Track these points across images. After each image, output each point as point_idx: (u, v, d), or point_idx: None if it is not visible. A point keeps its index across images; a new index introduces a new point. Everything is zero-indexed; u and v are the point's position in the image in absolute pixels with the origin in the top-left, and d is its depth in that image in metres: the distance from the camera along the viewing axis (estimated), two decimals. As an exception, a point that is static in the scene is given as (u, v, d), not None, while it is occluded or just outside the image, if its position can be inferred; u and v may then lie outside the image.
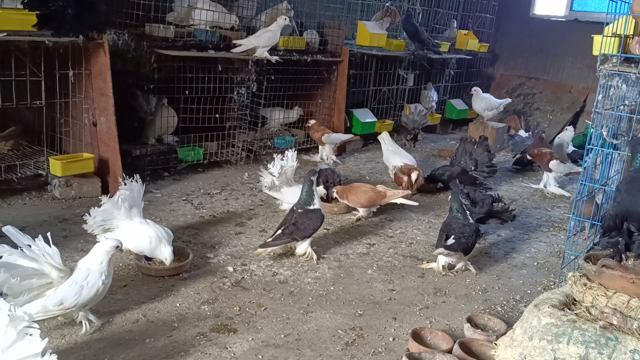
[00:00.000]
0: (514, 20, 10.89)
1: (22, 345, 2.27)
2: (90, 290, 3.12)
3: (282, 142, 7.12)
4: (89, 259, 3.21)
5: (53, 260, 3.04)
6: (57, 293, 3.06)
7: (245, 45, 6.22)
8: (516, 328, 2.89)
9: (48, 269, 3.02)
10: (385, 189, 5.42)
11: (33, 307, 2.96)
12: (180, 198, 5.51)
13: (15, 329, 2.27)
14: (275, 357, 3.16)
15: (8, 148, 5.50)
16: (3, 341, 2.25)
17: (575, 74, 10.13)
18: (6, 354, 2.25)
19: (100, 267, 3.17)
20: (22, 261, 2.95)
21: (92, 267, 3.16)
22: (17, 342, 2.26)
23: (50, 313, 3.08)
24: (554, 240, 5.34)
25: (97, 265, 3.17)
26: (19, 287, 2.88)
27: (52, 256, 3.04)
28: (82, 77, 5.17)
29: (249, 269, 4.17)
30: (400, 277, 4.30)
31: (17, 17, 4.54)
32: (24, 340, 2.27)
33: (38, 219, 4.65)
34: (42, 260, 3.01)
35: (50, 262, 3.03)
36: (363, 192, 5.31)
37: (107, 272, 3.20)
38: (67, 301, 3.07)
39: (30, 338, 2.28)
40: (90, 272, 3.14)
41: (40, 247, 3.01)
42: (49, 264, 3.03)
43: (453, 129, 10.24)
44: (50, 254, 3.03)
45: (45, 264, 3.02)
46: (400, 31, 9.05)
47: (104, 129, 5.23)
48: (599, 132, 3.99)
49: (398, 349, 3.33)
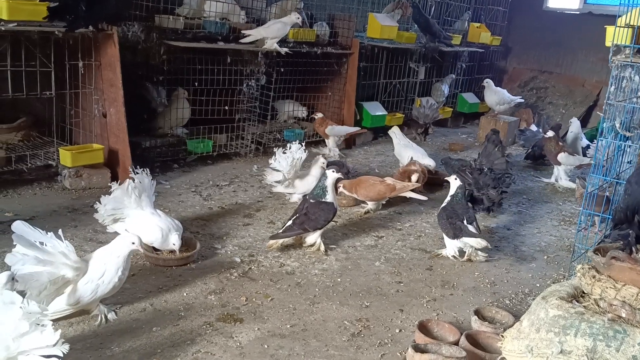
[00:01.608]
0: (527, 13, 10.79)
1: (35, 336, 2.31)
2: (106, 287, 3.14)
3: (291, 135, 7.10)
4: (105, 252, 3.20)
5: (68, 259, 3.02)
6: (74, 293, 3.07)
7: (254, 36, 6.21)
8: (523, 320, 2.86)
9: (64, 270, 3.01)
10: (395, 181, 5.39)
11: (51, 308, 2.97)
12: (189, 189, 5.52)
13: (28, 321, 2.29)
14: (281, 347, 3.16)
15: (19, 139, 5.53)
16: (15, 332, 2.28)
17: (588, 67, 10.03)
18: (17, 343, 2.28)
19: (116, 261, 3.16)
20: (37, 268, 2.89)
21: (108, 262, 3.15)
22: (30, 334, 2.30)
23: (67, 311, 3.11)
24: (565, 234, 5.29)
25: (113, 259, 3.16)
26: (37, 297, 2.86)
27: (67, 255, 3.03)
28: (91, 68, 5.19)
29: (257, 260, 4.18)
30: (408, 269, 4.28)
31: (27, 7, 4.55)
32: (37, 331, 2.30)
33: (48, 209, 4.68)
34: (57, 261, 2.98)
35: (66, 262, 3.01)
36: (372, 185, 5.28)
37: (124, 267, 3.19)
38: (83, 300, 3.10)
39: (43, 329, 2.31)
40: (107, 270, 3.13)
41: (54, 245, 3.00)
42: (64, 264, 3.00)
43: (464, 122, 10.17)
44: (65, 253, 3.02)
45: (61, 266, 2.99)
46: (412, 23, 8.99)
47: (113, 120, 5.25)
48: (611, 124, 3.94)
49: (404, 340, 3.32)
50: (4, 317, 2.31)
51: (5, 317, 2.31)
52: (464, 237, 4.34)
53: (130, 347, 3.02)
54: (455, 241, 4.39)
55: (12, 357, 2.28)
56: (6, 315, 2.31)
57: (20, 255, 2.87)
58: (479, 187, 5.37)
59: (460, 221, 4.35)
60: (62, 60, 5.01)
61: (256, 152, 6.78)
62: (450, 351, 2.99)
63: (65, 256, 3.01)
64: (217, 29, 6.16)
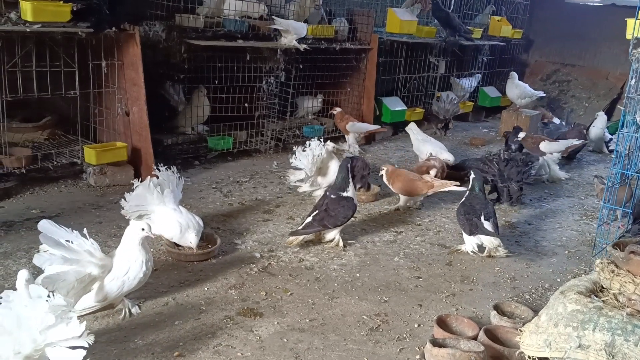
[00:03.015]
0: (548, 6, 10.66)
1: (61, 328, 2.38)
2: (132, 282, 3.22)
3: (311, 131, 7.14)
4: (124, 248, 3.26)
5: (94, 257, 3.10)
6: (101, 290, 3.15)
7: (282, 25, 6.29)
8: (542, 314, 2.86)
9: (90, 268, 3.08)
10: (433, 179, 5.29)
11: (78, 306, 3.08)
12: (210, 186, 5.59)
13: (54, 314, 2.37)
14: (300, 341, 3.21)
15: (44, 137, 5.66)
16: (42, 324, 2.36)
17: (612, 59, 9.86)
18: (44, 336, 2.36)
19: (137, 256, 3.23)
20: (64, 268, 2.97)
21: (131, 259, 3.22)
22: (56, 326, 2.37)
23: (94, 308, 3.20)
24: (586, 229, 5.24)
25: (134, 255, 3.23)
26: (65, 296, 2.90)
27: (92, 253, 3.10)
28: (114, 67, 5.29)
29: (276, 255, 4.22)
30: (427, 264, 4.29)
31: (51, 8, 4.66)
32: (63, 323, 2.38)
33: (73, 206, 4.79)
34: (83, 260, 3.06)
35: (91, 260, 3.09)
36: (410, 180, 5.20)
37: (146, 259, 3.26)
38: (110, 296, 3.19)
39: (68, 321, 2.39)
40: (130, 267, 3.21)
41: (80, 244, 3.08)
42: (90, 262, 3.08)
43: (486, 116, 10.10)
44: (90, 251, 3.10)
45: (87, 264, 3.07)
46: (431, 18, 8.95)
47: (136, 119, 5.34)
48: (632, 117, 3.90)
49: (423, 335, 3.34)
50: (31, 310, 2.39)
51: (32, 310, 2.38)
52: (479, 233, 4.33)
53: (153, 340, 3.09)
54: (472, 237, 4.39)
55: (39, 349, 2.36)
56: (33, 309, 2.39)
57: (47, 255, 2.95)
58: (503, 179, 5.41)
59: (477, 217, 4.33)
60: (85, 60, 5.11)
61: (276, 148, 6.84)
62: (468, 346, 3.00)
63: (91, 254, 3.09)
64: (237, 27, 6.21)
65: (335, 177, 4.46)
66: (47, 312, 2.37)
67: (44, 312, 2.37)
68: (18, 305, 2.41)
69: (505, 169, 5.43)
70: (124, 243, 3.28)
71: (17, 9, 4.67)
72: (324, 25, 7.22)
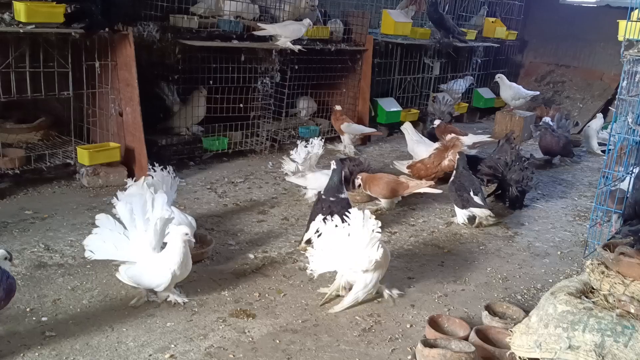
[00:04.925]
0: (543, 7, 10.69)
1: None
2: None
3: (306, 132, 7.15)
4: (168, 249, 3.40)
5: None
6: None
7: (268, 31, 6.28)
8: (532, 315, 2.87)
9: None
10: (408, 179, 5.39)
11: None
12: (205, 187, 5.60)
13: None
14: (292, 342, 3.21)
15: (38, 138, 5.66)
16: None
17: (606, 60, 9.88)
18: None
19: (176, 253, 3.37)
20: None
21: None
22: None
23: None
24: (580, 230, 5.26)
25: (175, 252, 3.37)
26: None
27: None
28: (108, 68, 5.29)
29: (270, 256, 4.23)
30: (420, 265, 4.31)
31: (45, 10, 4.66)
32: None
33: (67, 207, 4.79)
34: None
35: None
36: (386, 182, 5.28)
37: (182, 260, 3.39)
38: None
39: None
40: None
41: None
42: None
43: (480, 117, 10.13)
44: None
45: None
46: (426, 19, 8.97)
47: (129, 119, 5.34)
48: (624, 119, 3.92)
49: (415, 335, 3.35)
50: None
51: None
52: (471, 207, 4.93)
53: (144, 342, 3.09)
54: (464, 210, 5.00)
55: None
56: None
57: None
58: (505, 182, 5.53)
59: (468, 193, 4.94)
60: (79, 61, 5.11)
61: (271, 149, 6.85)
62: (459, 346, 3.01)
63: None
64: (232, 27, 6.21)
65: (330, 179, 4.45)
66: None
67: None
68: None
69: (508, 172, 5.48)
70: (169, 245, 3.41)
71: (10, 9, 4.67)
72: (319, 26, 7.23)
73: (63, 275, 3.72)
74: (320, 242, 3.55)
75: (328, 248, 3.52)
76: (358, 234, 3.40)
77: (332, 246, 3.51)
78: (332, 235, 3.51)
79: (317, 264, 3.57)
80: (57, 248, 4.08)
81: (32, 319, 3.22)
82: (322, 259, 3.55)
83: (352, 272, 3.52)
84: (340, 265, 3.56)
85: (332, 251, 3.52)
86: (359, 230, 3.40)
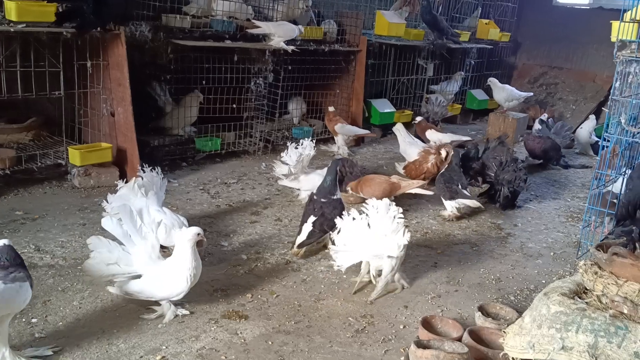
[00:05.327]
0: (536, 9, 10.72)
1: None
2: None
3: (299, 133, 7.13)
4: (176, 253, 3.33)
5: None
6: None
7: (263, 29, 6.26)
8: (525, 316, 2.87)
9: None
10: (400, 179, 5.40)
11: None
12: (198, 187, 5.57)
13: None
14: (285, 344, 3.19)
15: (29, 138, 5.62)
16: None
17: (599, 62, 9.91)
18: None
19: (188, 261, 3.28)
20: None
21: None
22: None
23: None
24: (572, 231, 5.27)
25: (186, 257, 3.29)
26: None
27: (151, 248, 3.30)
28: (99, 67, 5.25)
29: (263, 257, 4.21)
30: (413, 266, 4.29)
31: (36, 9, 4.62)
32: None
33: (58, 208, 4.75)
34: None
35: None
36: (377, 184, 5.27)
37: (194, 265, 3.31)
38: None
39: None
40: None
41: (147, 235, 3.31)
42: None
43: (474, 119, 10.14)
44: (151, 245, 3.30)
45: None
46: (420, 20, 8.97)
47: (121, 119, 5.30)
48: (617, 120, 3.92)
49: (408, 336, 3.34)
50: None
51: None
52: (459, 198, 5.13)
53: (135, 344, 3.06)
54: (452, 202, 5.16)
55: None
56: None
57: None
58: (497, 182, 5.55)
59: (456, 185, 5.16)
60: (70, 60, 5.07)
61: (264, 149, 6.82)
62: (452, 347, 3.00)
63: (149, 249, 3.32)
64: (224, 27, 6.19)
65: (323, 179, 4.43)
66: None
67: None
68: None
69: (502, 173, 5.49)
70: (177, 249, 3.32)
71: (1, 8, 4.63)
72: (312, 26, 7.22)
73: (53, 277, 3.68)
74: (341, 237, 3.69)
75: (350, 241, 3.67)
76: (381, 222, 3.57)
77: (354, 239, 3.66)
78: (352, 228, 3.66)
79: (343, 259, 3.71)
80: (48, 249, 4.04)
81: (22, 320, 3.19)
82: (346, 253, 3.70)
83: (378, 258, 3.67)
84: (364, 254, 3.71)
85: (354, 244, 3.66)
86: (382, 219, 3.56)
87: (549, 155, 7.33)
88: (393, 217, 3.55)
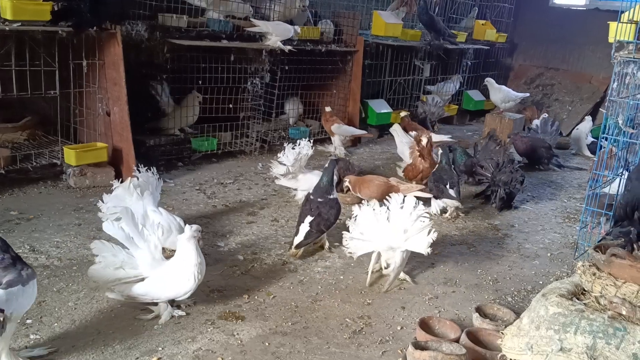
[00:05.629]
0: (533, 10, 10.73)
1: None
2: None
3: (296, 133, 7.11)
4: (180, 253, 3.29)
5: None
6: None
7: (260, 28, 6.24)
8: (523, 317, 2.85)
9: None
10: (399, 182, 5.36)
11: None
12: (194, 188, 5.54)
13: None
14: (282, 345, 3.17)
15: (24, 138, 5.59)
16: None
17: (595, 63, 9.93)
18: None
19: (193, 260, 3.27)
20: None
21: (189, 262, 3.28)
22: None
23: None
24: (569, 231, 5.27)
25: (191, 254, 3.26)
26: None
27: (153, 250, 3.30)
28: (95, 67, 5.22)
29: (259, 258, 4.19)
30: (411, 267, 4.28)
31: (31, 7, 4.59)
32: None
33: (53, 208, 4.72)
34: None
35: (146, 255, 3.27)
36: (376, 185, 5.24)
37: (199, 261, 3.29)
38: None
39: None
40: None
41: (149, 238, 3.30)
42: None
43: (470, 120, 10.15)
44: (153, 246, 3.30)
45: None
46: (416, 21, 8.97)
47: (117, 119, 5.28)
48: (614, 120, 3.92)
49: (406, 337, 3.32)
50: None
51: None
52: (444, 197, 5.19)
53: (131, 345, 3.04)
54: (437, 201, 5.24)
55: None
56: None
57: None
58: (494, 183, 5.58)
59: (444, 185, 5.18)
60: (66, 60, 5.05)
61: (261, 149, 6.80)
62: (450, 348, 2.99)
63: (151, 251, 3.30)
64: (221, 27, 6.17)
65: (320, 179, 4.41)
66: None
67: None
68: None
69: (498, 173, 5.51)
70: (180, 249, 3.29)
71: (-4, 7, 4.60)
72: (309, 26, 7.20)
73: (49, 277, 3.65)
74: (357, 226, 3.80)
75: (367, 231, 3.77)
76: (403, 217, 3.66)
77: (371, 229, 3.76)
78: (371, 218, 3.76)
79: (357, 247, 3.83)
80: (43, 249, 4.01)
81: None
82: (361, 242, 3.81)
83: (392, 251, 3.77)
84: (379, 245, 3.80)
85: (371, 234, 3.76)
86: (405, 214, 3.65)
87: (538, 155, 7.27)
88: (418, 216, 3.63)
